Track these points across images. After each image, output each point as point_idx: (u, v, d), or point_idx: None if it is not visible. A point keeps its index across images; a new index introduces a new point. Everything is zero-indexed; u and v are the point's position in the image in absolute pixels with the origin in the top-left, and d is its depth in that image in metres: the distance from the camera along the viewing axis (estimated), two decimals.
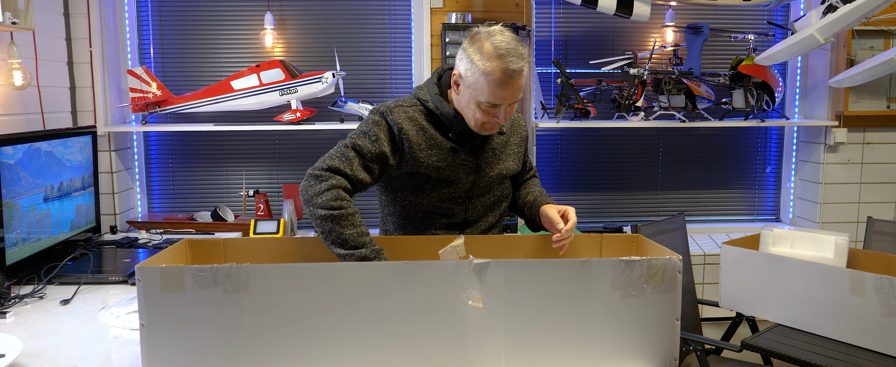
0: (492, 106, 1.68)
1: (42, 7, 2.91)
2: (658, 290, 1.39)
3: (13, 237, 2.21)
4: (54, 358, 1.56)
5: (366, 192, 1.78)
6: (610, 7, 3.14)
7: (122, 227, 3.28)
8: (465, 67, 1.69)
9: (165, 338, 1.33)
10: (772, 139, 3.90)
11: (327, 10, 3.52)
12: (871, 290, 2.01)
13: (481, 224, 1.87)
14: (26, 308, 1.93)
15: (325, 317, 1.35)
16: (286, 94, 3.26)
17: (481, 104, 1.69)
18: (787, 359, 2.12)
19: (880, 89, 3.59)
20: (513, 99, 1.68)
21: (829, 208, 3.64)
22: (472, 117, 1.73)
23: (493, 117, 1.71)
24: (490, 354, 1.38)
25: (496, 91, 1.65)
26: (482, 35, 1.67)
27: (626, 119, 3.50)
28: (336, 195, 1.63)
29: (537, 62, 3.62)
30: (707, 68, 3.63)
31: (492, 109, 1.69)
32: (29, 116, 2.79)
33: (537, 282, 1.37)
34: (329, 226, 1.61)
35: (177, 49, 3.51)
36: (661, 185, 3.85)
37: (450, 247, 1.63)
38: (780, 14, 3.77)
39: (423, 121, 1.78)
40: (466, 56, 1.68)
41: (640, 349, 1.40)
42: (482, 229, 1.88)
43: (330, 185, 1.64)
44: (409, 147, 1.74)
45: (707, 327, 3.24)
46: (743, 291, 2.37)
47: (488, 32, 1.67)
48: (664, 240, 2.68)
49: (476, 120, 1.73)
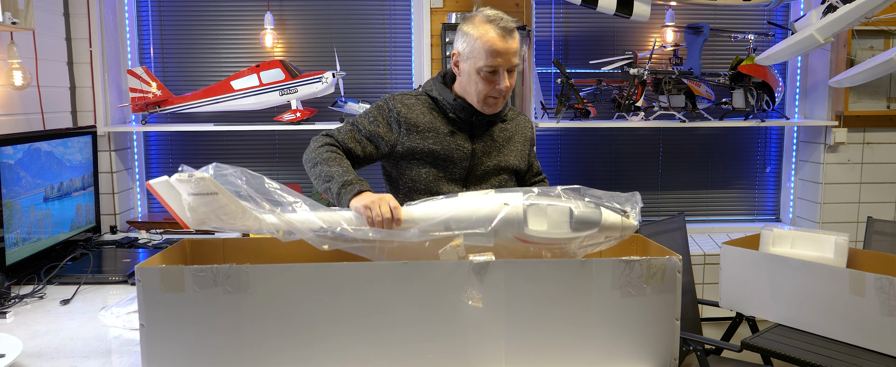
0: (491, 72, 1.78)
1: (42, 7, 2.91)
2: (658, 290, 1.39)
3: (13, 237, 2.21)
4: (54, 358, 1.56)
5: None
6: (610, 7, 3.14)
7: (122, 227, 3.28)
8: (462, 41, 1.82)
9: (165, 338, 1.33)
10: (772, 139, 3.90)
11: (327, 10, 3.52)
12: (871, 290, 2.01)
13: None
14: (26, 308, 1.93)
15: (325, 317, 1.35)
16: (286, 94, 3.26)
17: (481, 71, 1.78)
18: (787, 359, 2.12)
19: (880, 89, 3.59)
20: (509, 62, 1.78)
21: (829, 208, 3.64)
22: (474, 93, 1.83)
23: (494, 86, 1.80)
24: (490, 354, 1.38)
25: (492, 52, 1.76)
26: (474, 13, 1.82)
27: (626, 119, 3.50)
28: (328, 148, 1.79)
29: (537, 62, 3.62)
30: (707, 68, 3.63)
31: (491, 75, 1.79)
32: (29, 116, 2.79)
33: (537, 282, 1.37)
34: (319, 169, 1.73)
35: (177, 49, 3.51)
36: (661, 185, 3.85)
37: (450, 247, 1.63)
38: (780, 14, 3.77)
39: (423, 108, 1.90)
40: (462, 32, 1.82)
41: (640, 349, 1.41)
42: None
43: (323, 142, 1.82)
44: (408, 129, 1.86)
45: (707, 327, 3.24)
46: (743, 291, 2.37)
47: (479, 10, 1.83)
48: (664, 240, 2.68)
49: (479, 93, 1.82)
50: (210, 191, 1.40)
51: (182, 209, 1.43)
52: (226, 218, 1.43)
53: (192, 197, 1.41)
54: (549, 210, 1.42)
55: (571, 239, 1.43)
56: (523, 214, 1.41)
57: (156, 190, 1.43)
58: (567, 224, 1.41)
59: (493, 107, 1.86)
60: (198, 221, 1.43)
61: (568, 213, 1.42)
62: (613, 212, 1.44)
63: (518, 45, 1.80)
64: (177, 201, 1.43)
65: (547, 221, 1.41)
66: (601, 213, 1.43)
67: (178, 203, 1.43)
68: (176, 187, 1.42)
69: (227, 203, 1.42)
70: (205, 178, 1.40)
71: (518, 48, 1.80)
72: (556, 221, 1.41)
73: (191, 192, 1.40)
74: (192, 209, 1.41)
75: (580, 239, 1.43)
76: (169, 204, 1.44)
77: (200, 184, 1.39)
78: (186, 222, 1.44)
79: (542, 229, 1.41)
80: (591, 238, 1.44)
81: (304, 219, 1.46)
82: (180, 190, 1.42)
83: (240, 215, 1.43)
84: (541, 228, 1.41)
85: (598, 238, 1.45)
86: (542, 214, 1.42)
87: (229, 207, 1.42)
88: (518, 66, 1.83)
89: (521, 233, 1.41)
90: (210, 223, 1.44)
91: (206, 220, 1.43)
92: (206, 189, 1.40)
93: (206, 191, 1.40)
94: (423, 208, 1.49)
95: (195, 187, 1.40)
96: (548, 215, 1.42)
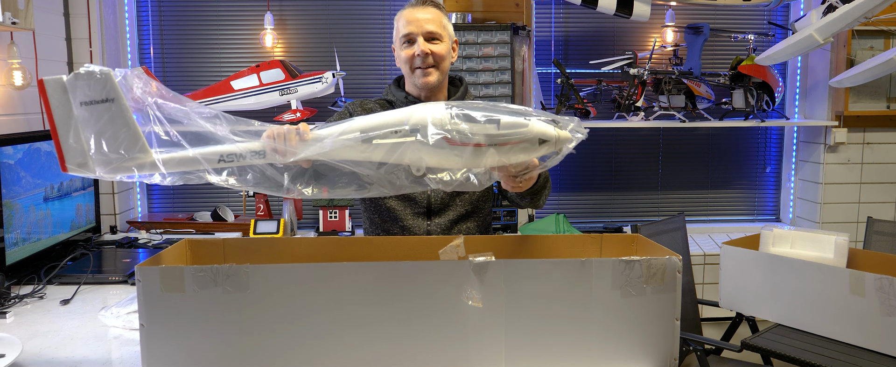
0: (407, 41, 1.87)
1: (42, 7, 2.91)
2: (658, 290, 1.39)
3: (13, 237, 2.21)
4: (54, 358, 1.56)
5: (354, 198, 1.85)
6: (610, 7, 3.14)
7: (122, 227, 3.28)
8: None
9: (165, 338, 1.33)
10: (772, 139, 3.90)
11: (327, 10, 3.52)
12: (871, 290, 2.01)
13: (449, 213, 1.95)
14: (26, 308, 1.93)
15: (325, 317, 1.35)
16: (286, 94, 3.26)
17: (400, 40, 1.89)
18: (787, 359, 2.12)
19: (880, 89, 3.59)
20: (421, 27, 1.85)
21: (829, 208, 3.64)
22: (405, 71, 1.92)
23: (413, 53, 1.87)
24: (490, 354, 1.38)
25: (403, 22, 1.87)
26: None
27: (626, 119, 3.50)
28: None
29: (537, 62, 3.62)
30: (707, 68, 3.63)
31: (408, 45, 1.88)
32: (29, 116, 2.79)
33: (537, 282, 1.37)
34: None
35: (177, 49, 3.51)
36: (661, 185, 3.85)
37: (450, 247, 1.63)
38: (780, 14, 3.77)
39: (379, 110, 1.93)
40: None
41: (640, 349, 1.40)
42: (451, 219, 1.96)
43: None
44: None
45: (707, 327, 3.24)
46: (743, 291, 2.37)
47: None
48: (664, 240, 2.68)
49: (404, 67, 1.90)
50: (103, 97, 1.20)
51: (67, 131, 1.22)
52: (109, 146, 1.24)
53: (83, 107, 1.21)
54: (475, 115, 1.34)
55: (507, 136, 1.34)
56: (449, 116, 1.33)
57: (47, 91, 1.24)
58: (495, 127, 1.33)
59: (425, 77, 1.88)
60: (78, 153, 1.22)
61: (495, 121, 1.34)
62: (544, 123, 1.37)
63: (435, 16, 1.87)
64: (65, 118, 1.23)
65: (471, 125, 1.33)
66: (529, 122, 1.36)
67: (66, 122, 1.23)
68: (68, 90, 1.22)
69: (119, 119, 1.21)
70: (104, 74, 1.19)
71: (434, 18, 1.86)
72: (481, 124, 1.33)
73: (83, 99, 1.21)
74: (82, 125, 1.21)
75: (515, 143, 1.34)
76: (55, 122, 1.23)
77: (93, 83, 1.19)
78: (64, 152, 1.23)
79: (465, 126, 1.33)
80: (528, 147, 1.36)
81: (202, 152, 1.32)
82: (72, 97, 1.22)
83: (128, 142, 1.24)
84: (464, 126, 1.33)
85: (533, 147, 1.37)
86: (467, 120, 1.34)
87: (119, 126, 1.21)
88: (441, 37, 1.87)
89: (444, 129, 1.32)
90: (89, 164, 1.24)
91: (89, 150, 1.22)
92: (99, 93, 1.19)
93: (100, 97, 1.20)
94: (330, 128, 1.38)
95: (88, 90, 1.20)
96: (474, 119, 1.33)
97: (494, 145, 1.35)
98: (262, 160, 1.36)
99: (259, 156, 1.36)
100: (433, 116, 1.33)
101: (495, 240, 1.73)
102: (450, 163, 1.37)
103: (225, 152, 1.35)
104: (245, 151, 1.36)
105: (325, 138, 1.36)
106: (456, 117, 1.33)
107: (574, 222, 3.68)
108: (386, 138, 1.33)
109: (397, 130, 1.33)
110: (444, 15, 1.93)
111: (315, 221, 3.58)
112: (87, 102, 1.23)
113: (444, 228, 1.96)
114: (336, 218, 3.36)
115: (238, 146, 1.35)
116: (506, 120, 1.34)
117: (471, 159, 1.36)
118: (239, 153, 1.35)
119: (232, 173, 1.38)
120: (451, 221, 1.96)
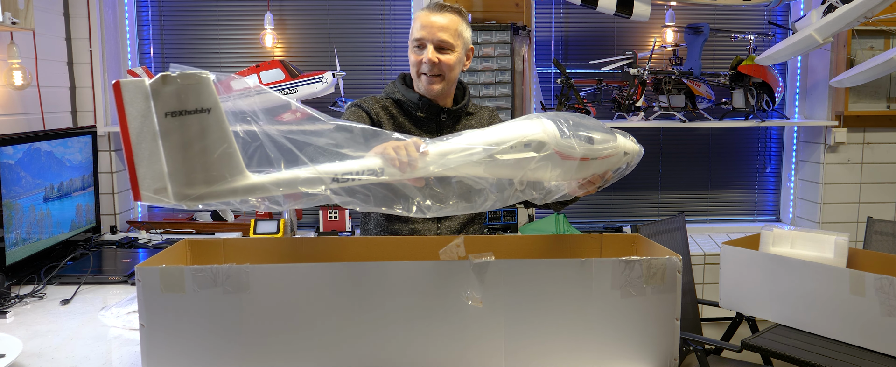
0: (418, 45, 1.86)
1: (42, 7, 2.91)
2: (658, 290, 1.39)
3: (13, 237, 2.21)
4: (54, 358, 1.56)
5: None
6: (610, 7, 3.14)
7: (122, 227, 3.28)
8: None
9: (165, 338, 1.33)
10: (772, 139, 3.90)
11: (327, 10, 3.52)
12: (871, 290, 2.01)
13: (460, 216, 1.94)
14: (26, 308, 1.93)
15: (325, 317, 1.35)
16: (286, 94, 3.26)
17: (411, 43, 1.88)
18: (787, 359, 2.12)
19: (880, 89, 3.59)
20: (433, 35, 1.84)
21: (829, 208, 3.64)
22: (412, 67, 1.90)
23: (420, 58, 1.86)
24: (490, 354, 1.38)
25: (418, 25, 1.86)
26: None
27: (626, 119, 3.50)
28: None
29: (537, 62, 3.61)
30: (707, 68, 3.63)
31: (419, 49, 1.86)
32: (29, 116, 2.79)
33: (537, 282, 1.37)
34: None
35: (177, 49, 3.51)
36: (661, 185, 3.85)
37: (450, 247, 1.63)
38: (780, 14, 3.77)
39: (392, 109, 1.94)
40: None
41: (640, 349, 1.41)
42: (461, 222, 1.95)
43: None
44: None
45: (707, 327, 3.24)
46: (743, 291, 2.37)
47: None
48: (664, 240, 2.68)
49: (412, 67, 1.89)
50: (197, 106, 0.96)
51: (145, 148, 0.98)
52: (200, 168, 0.99)
53: (169, 119, 0.97)
54: (581, 131, 1.42)
55: (603, 150, 1.44)
56: (560, 132, 1.38)
57: (124, 98, 0.99)
58: (591, 142, 1.42)
59: (429, 84, 1.88)
60: (156, 176, 0.98)
61: (592, 137, 1.44)
62: (624, 137, 1.53)
63: (451, 23, 1.85)
64: (144, 132, 0.97)
65: (578, 141, 1.41)
66: (616, 137, 1.50)
67: (145, 137, 0.98)
68: (152, 96, 0.97)
69: (214, 133, 0.96)
70: (200, 77, 0.96)
71: (449, 26, 1.85)
72: (583, 139, 1.42)
73: (169, 109, 0.97)
74: (164, 141, 0.96)
75: (608, 156, 1.46)
76: (131, 137, 0.99)
77: (186, 89, 0.95)
78: (139, 176, 0.98)
79: (573, 142, 1.39)
80: (616, 159, 1.49)
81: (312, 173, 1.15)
82: (155, 106, 0.98)
83: (224, 163, 1.00)
84: (573, 141, 1.39)
85: (620, 159, 1.50)
86: (575, 136, 1.41)
87: (214, 143, 0.96)
88: (453, 47, 1.86)
89: (558, 145, 1.36)
90: (168, 190, 0.99)
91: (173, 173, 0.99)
92: (193, 102, 0.96)
93: (193, 107, 0.96)
94: (448, 143, 1.32)
95: (177, 98, 0.97)
96: (581, 136, 1.42)
97: (595, 159, 1.44)
98: (377, 178, 1.23)
99: (375, 174, 1.22)
100: (547, 132, 1.37)
101: (495, 240, 1.73)
102: (564, 176, 1.43)
103: (340, 172, 1.18)
104: (362, 169, 1.20)
105: (449, 154, 1.29)
106: (567, 133, 1.39)
107: (574, 222, 3.68)
108: (506, 154, 1.34)
109: (512, 146, 1.34)
110: (462, 21, 1.90)
111: (315, 221, 3.58)
112: (174, 113, 1.00)
113: (454, 231, 1.96)
114: (336, 218, 3.36)
115: (353, 164, 1.20)
116: (598, 136, 1.44)
117: (577, 172, 1.43)
118: (356, 171, 1.19)
119: (350, 193, 1.23)
120: (461, 223, 1.96)
